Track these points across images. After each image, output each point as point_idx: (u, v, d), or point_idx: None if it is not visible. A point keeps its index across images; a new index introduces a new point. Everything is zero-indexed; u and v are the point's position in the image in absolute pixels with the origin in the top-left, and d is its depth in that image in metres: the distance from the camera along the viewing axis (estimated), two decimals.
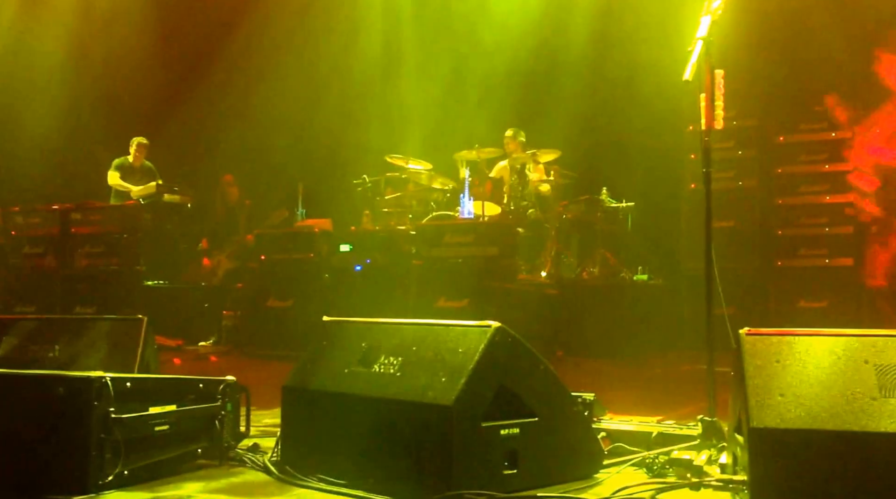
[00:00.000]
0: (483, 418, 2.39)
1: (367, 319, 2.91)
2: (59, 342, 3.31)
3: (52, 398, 2.46)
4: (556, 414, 2.58)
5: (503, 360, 2.48)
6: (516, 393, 2.49)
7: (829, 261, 7.01)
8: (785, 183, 7.26)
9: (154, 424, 2.59)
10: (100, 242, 7.21)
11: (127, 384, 2.52)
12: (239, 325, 7.01)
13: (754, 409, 2.16)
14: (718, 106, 2.64)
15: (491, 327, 2.47)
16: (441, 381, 2.42)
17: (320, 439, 2.72)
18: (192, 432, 2.75)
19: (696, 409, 3.49)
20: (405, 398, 2.47)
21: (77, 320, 3.56)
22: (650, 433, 2.90)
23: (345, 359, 2.75)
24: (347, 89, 9.02)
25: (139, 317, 3.28)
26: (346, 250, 6.95)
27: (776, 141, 7.31)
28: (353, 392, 2.64)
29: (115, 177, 8.18)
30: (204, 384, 2.83)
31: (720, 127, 2.70)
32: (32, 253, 7.45)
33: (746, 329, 2.31)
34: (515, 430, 2.45)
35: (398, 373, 2.58)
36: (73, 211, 7.44)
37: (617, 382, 5.19)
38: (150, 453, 2.57)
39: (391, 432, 2.48)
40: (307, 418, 2.78)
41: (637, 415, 3.39)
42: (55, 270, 7.32)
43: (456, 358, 2.46)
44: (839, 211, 7.02)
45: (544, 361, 2.61)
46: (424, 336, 2.64)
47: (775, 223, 7.27)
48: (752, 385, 2.20)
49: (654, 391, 4.68)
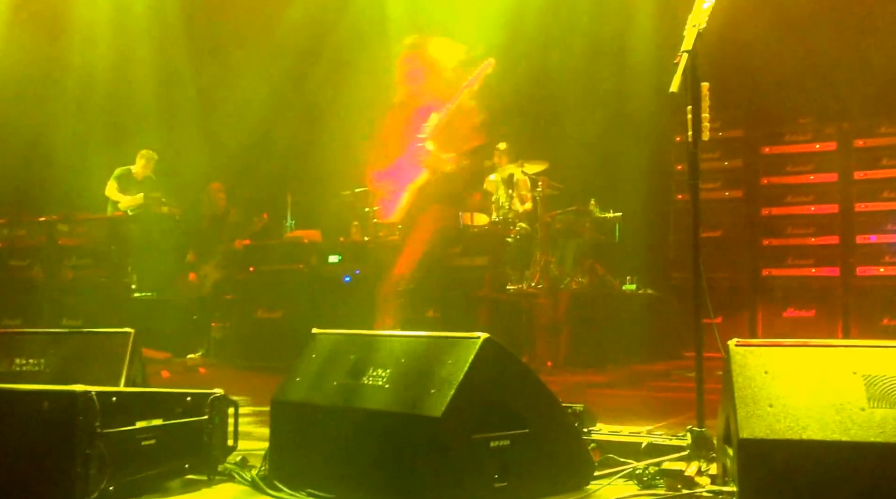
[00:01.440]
0: (473, 429, 2.38)
1: (356, 331, 2.90)
2: (45, 356, 3.27)
3: (37, 413, 2.43)
4: (546, 425, 2.57)
5: (492, 371, 2.47)
6: (506, 404, 2.48)
7: (815, 270, 7.07)
8: (770, 193, 7.32)
9: (141, 438, 2.55)
10: (87, 254, 7.17)
11: (113, 398, 2.49)
12: (228, 336, 6.98)
13: (743, 419, 2.16)
14: (704, 118, 2.67)
15: (479, 338, 2.46)
16: (430, 393, 2.41)
17: (309, 453, 2.70)
18: (180, 447, 2.72)
19: (686, 419, 3.49)
20: (394, 410, 2.46)
21: (63, 333, 3.52)
22: (640, 444, 2.89)
23: (334, 371, 2.74)
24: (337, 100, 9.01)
25: (126, 330, 3.25)
26: (335, 261, 6.94)
27: (761, 152, 7.38)
28: (343, 405, 2.62)
29: (111, 187, 8.11)
30: (192, 398, 2.80)
31: (706, 138, 2.72)
32: (18, 265, 7.39)
33: (736, 340, 2.32)
34: (506, 441, 2.44)
35: (387, 385, 2.56)
36: (60, 222, 7.39)
37: (606, 391, 5.19)
38: (136, 468, 2.54)
39: (381, 445, 2.47)
40: (296, 431, 2.76)
41: (627, 425, 3.38)
42: (41, 282, 7.27)
43: (445, 370, 2.45)
44: (826, 221, 7.09)
45: (533, 372, 2.61)
46: (413, 348, 2.63)
47: (761, 233, 7.33)
48: (740, 396, 2.20)
49: (643, 401, 4.69)
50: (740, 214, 7.43)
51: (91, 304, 6.92)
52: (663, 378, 5.90)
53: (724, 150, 7.39)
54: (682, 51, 2.70)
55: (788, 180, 7.26)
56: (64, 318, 6.91)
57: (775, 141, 7.36)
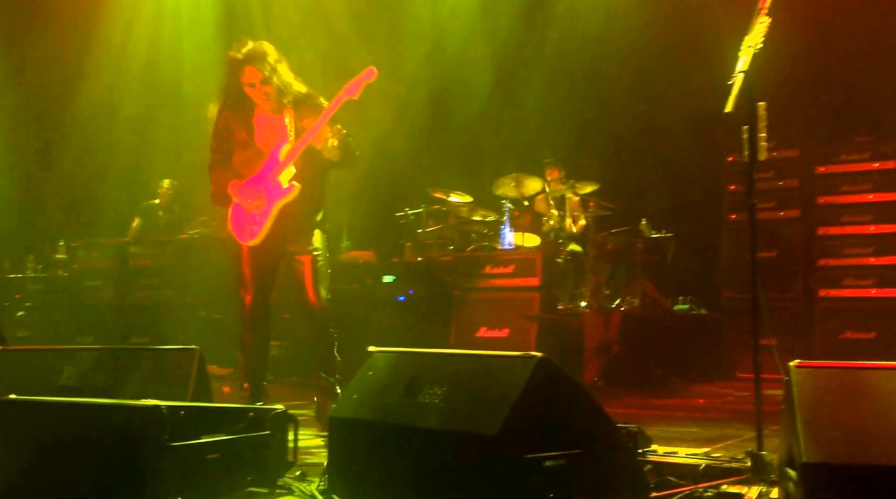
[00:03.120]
0: (528, 448, 2.38)
1: (411, 350, 2.95)
2: (116, 371, 3.41)
3: (109, 426, 2.54)
4: (600, 446, 2.57)
5: (546, 390, 2.48)
6: (560, 424, 2.48)
7: (875, 291, 6.90)
8: (826, 213, 7.19)
9: (206, 452, 2.64)
10: (154, 275, 7.51)
11: (181, 413, 2.58)
12: (284, 354, 7.10)
13: (807, 443, 2.12)
14: (761, 138, 2.67)
15: (534, 358, 2.48)
16: (485, 411, 2.43)
17: (366, 469, 2.75)
18: (243, 461, 2.80)
19: (743, 442, 3.46)
20: (449, 428, 2.49)
21: (133, 350, 3.66)
22: (698, 466, 2.87)
23: (389, 389, 2.79)
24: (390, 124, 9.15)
25: (192, 347, 3.37)
26: (390, 281, 7.03)
27: (817, 171, 7.26)
28: (398, 422, 2.66)
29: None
30: (254, 413, 2.89)
31: (763, 158, 2.72)
32: (92, 285, 7.78)
33: (797, 361, 2.29)
34: (561, 461, 2.44)
35: (442, 403, 2.60)
36: (131, 245, 7.77)
37: (659, 412, 5.14)
38: (202, 480, 2.62)
39: (436, 463, 2.50)
40: (353, 447, 2.81)
41: (682, 447, 3.36)
42: (112, 301, 7.62)
43: (499, 388, 2.47)
44: (886, 241, 6.93)
45: (588, 392, 2.61)
46: (468, 366, 2.67)
47: (818, 253, 7.19)
48: (803, 419, 2.16)
49: (698, 423, 4.63)
50: (796, 234, 7.31)
51: (157, 322, 7.20)
52: (717, 400, 5.81)
53: (779, 169, 7.29)
54: (738, 71, 2.72)
55: (845, 200, 7.12)
56: (133, 335, 7.19)
57: (831, 160, 7.24)
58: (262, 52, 4.10)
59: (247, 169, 4.15)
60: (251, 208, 4.09)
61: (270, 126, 4.17)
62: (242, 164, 4.17)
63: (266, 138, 4.17)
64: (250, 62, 4.05)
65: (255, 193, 4.09)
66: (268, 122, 4.18)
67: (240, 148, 4.18)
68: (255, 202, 4.07)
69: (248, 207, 4.10)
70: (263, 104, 4.15)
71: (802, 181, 7.34)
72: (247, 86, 4.09)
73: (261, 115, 4.19)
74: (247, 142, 4.16)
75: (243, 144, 4.17)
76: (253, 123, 4.18)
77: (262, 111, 4.19)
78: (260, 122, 4.19)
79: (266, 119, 4.19)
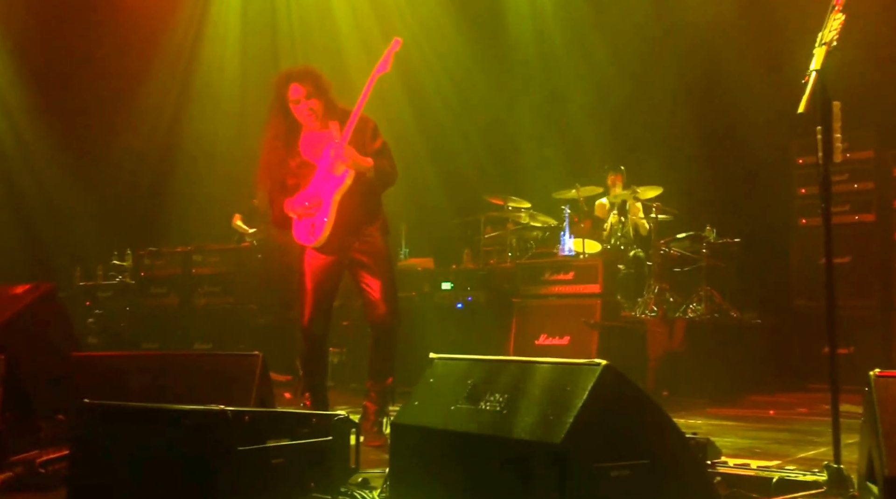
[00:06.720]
0: (592, 457, 2.34)
1: (472, 357, 2.93)
2: (182, 376, 3.47)
3: (177, 430, 2.58)
4: (668, 456, 2.50)
5: (612, 398, 2.42)
6: (626, 433, 2.43)
7: None
8: None
9: (271, 457, 2.66)
10: (217, 282, 7.68)
11: (246, 418, 2.61)
12: (344, 361, 7.17)
13: (890, 456, 2.04)
14: (837, 138, 2.56)
15: (599, 365, 2.43)
16: (549, 419, 2.39)
17: (428, 476, 2.73)
18: (306, 466, 2.81)
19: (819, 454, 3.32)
20: (512, 436, 2.46)
21: (197, 356, 3.73)
22: (770, 479, 2.77)
23: (451, 396, 2.77)
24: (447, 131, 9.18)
25: (255, 353, 3.41)
26: (448, 288, 7.02)
27: (894, 174, 6.98)
28: (460, 429, 2.64)
29: (236, 218, 8.59)
30: (316, 419, 2.90)
31: (839, 160, 2.61)
32: (157, 292, 8.01)
33: (877, 371, 2.19)
34: (626, 471, 2.39)
35: (504, 410, 2.57)
36: (194, 253, 7.95)
37: (728, 423, 5.00)
38: (266, 485, 2.64)
39: (499, 470, 2.47)
40: (415, 454, 2.80)
41: (754, 459, 3.25)
42: (177, 308, 7.82)
43: (563, 396, 2.43)
44: None
45: (654, 401, 2.55)
46: (531, 373, 2.62)
47: (894, 259, 6.91)
48: (885, 431, 2.08)
49: (770, 434, 4.48)
50: (871, 239, 7.02)
51: (220, 328, 7.35)
52: (788, 410, 5.62)
53: (854, 172, 7.02)
54: (812, 69, 2.62)
55: None
56: (196, 341, 7.35)
57: None
58: (304, 69, 4.16)
59: (298, 182, 4.17)
60: (310, 210, 4.09)
61: (318, 141, 4.19)
62: (293, 178, 4.19)
63: (314, 152, 4.19)
64: (294, 79, 4.10)
65: (310, 196, 4.12)
66: (315, 138, 4.20)
67: (290, 175, 4.19)
68: (313, 204, 4.09)
69: (307, 212, 4.12)
70: (309, 122, 4.16)
71: (878, 184, 7.07)
72: (292, 103, 4.11)
73: (307, 134, 4.22)
74: (297, 165, 4.18)
75: (293, 172, 4.18)
76: (299, 147, 4.20)
77: (309, 131, 4.21)
78: (307, 141, 4.22)
79: (313, 137, 4.21)
